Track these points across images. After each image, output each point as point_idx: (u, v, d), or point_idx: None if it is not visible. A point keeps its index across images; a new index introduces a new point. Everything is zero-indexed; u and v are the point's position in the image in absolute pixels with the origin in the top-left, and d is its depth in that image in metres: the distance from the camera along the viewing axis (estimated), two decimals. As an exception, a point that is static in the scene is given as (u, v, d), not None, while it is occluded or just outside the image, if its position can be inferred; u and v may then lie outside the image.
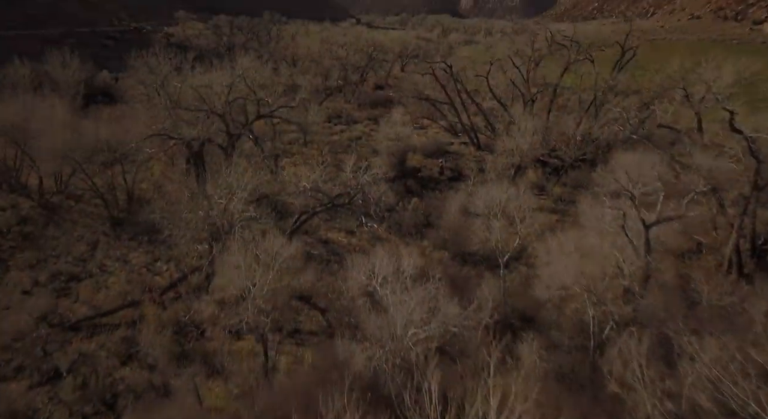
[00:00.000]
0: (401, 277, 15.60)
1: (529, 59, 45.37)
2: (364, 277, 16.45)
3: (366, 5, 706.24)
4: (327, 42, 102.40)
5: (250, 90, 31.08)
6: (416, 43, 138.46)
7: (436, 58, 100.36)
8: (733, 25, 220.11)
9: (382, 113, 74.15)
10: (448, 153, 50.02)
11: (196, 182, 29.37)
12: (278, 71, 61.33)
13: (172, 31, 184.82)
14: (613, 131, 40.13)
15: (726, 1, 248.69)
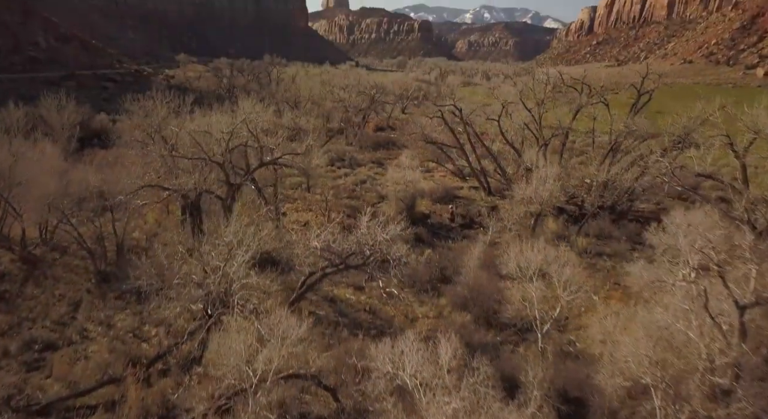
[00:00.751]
0: (438, 371, 12.72)
1: (541, 102, 43.84)
2: (390, 366, 13.54)
3: (363, 49, 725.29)
4: (328, 84, 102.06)
5: (253, 136, 28.93)
6: (416, 85, 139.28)
7: (438, 100, 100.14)
8: (726, 70, 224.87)
9: (385, 156, 72.76)
10: (457, 198, 47.75)
11: (192, 234, 26.68)
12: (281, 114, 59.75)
13: (173, 74, 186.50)
14: (632, 178, 37.91)
15: (717, 46, 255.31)
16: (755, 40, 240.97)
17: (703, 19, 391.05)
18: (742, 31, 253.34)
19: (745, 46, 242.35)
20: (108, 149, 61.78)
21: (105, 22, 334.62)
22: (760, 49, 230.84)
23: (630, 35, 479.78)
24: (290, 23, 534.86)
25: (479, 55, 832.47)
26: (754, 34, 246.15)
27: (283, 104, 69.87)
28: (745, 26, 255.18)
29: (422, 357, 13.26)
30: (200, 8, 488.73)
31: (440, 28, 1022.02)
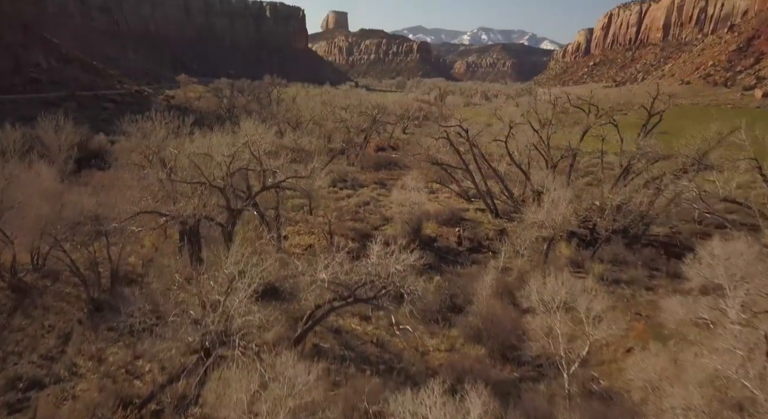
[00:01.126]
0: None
1: (549, 123, 42.92)
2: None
3: (363, 69, 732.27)
4: (329, 104, 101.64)
5: (255, 159, 27.74)
6: (417, 105, 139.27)
7: (440, 121, 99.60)
8: (725, 91, 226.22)
9: (387, 176, 71.73)
10: (464, 220, 46.48)
11: (190, 262, 25.25)
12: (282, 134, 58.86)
13: (173, 94, 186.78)
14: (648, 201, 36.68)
15: (714, 68, 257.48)
16: (752, 62, 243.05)
17: (698, 42, 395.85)
18: (739, 53, 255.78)
19: (742, 67, 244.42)
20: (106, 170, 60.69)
21: (106, 44, 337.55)
22: (757, 70, 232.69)
23: (626, 57, 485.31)
24: (290, 44, 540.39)
25: (477, 75, 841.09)
26: (750, 55, 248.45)
27: (285, 124, 69.02)
28: (741, 48, 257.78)
29: (449, 414, 11.75)
30: (201, 30, 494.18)
31: (438, 49, 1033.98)
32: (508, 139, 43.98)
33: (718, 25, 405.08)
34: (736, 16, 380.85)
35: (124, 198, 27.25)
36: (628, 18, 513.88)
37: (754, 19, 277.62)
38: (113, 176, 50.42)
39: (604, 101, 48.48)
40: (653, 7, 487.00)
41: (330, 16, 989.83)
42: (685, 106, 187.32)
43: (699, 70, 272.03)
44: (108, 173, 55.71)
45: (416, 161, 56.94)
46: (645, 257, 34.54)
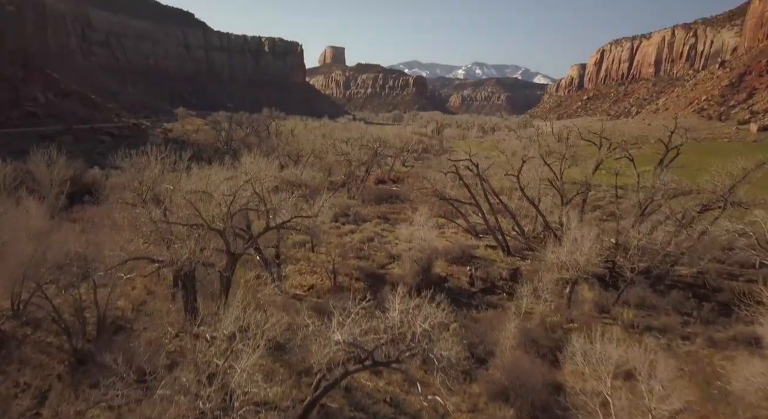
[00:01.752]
0: None
1: (563, 157, 41.32)
2: None
3: (360, 103, 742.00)
4: (330, 137, 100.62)
5: (259, 197, 25.66)
6: (416, 138, 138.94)
7: (440, 154, 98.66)
8: (719, 125, 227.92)
9: (390, 210, 69.75)
10: (474, 258, 44.17)
11: (184, 310, 22.78)
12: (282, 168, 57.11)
13: (171, 127, 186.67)
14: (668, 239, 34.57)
15: (707, 102, 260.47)
16: (745, 97, 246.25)
17: (689, 77, 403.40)
18: (731, 88, 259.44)
19: (735, 102, 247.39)
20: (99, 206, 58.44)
21: (106, 78, 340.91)
22: (750, 105, 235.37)
23: (619, 91, 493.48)
24: (288, 78, 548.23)
25: (472, 109, 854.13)
26: (743, 91, 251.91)
27: (285, 158, 67.50)
28: (733, 84, 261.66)
29: None
30: (200, 64, 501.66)
31: (434, 83, 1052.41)
32: (520, 174, 42.25)
33: (708, 61, 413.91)
34: (726, 53, 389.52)
35: (113, 240, 24.94)
36: (620, 54, 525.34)
37: (745, 55, 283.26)
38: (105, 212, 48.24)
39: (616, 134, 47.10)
40: (644, 43, 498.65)
41: (327, 51, 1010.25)
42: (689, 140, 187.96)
43: (693, 104, 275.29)
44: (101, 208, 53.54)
45: (422, 195, 55.05)
46: (673, 300, 32.21)
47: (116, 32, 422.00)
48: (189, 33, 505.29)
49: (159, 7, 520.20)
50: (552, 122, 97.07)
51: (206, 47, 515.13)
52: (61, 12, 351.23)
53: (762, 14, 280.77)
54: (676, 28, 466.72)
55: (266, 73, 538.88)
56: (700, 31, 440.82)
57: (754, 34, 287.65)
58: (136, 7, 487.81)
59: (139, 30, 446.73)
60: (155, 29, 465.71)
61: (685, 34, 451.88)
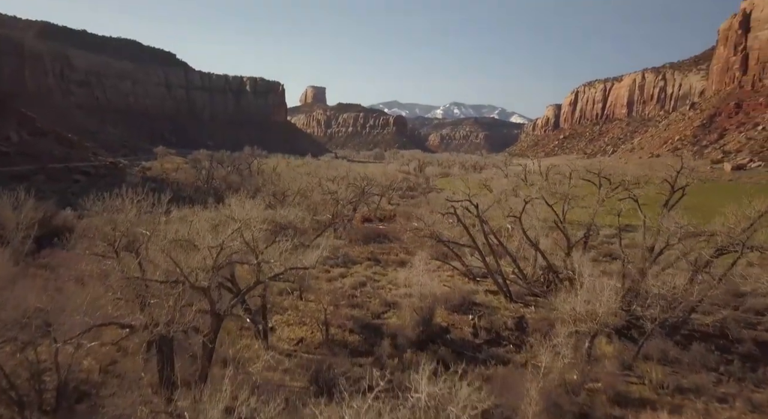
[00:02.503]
0: None
1: (565, 199, 39.59)
2: None
3: (341, 141, 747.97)
4: (315, 175, 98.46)
5: (250, 248, 22.78)
6: (402, 176, 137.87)
7: (426, 192, 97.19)
8: (693, 164, 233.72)
9: (379, 250, 66.94)
10: (475, 305, 41.40)
11: (160, 383, 19.42)
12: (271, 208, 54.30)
13: (150, 166, 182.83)
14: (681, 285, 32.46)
15: (681, 142, 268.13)
16: (716, 137, 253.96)
17: (661, 118, 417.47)
18: (703, 129, 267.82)
19: (707, 142, 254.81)
20: (70, 250, 54.47)
21: (85, 117, 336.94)
22: (722, 145, 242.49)
23: (594, 131, 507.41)
24: (270, 117, 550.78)
25: (451, 147, 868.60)
26: (714, 131, 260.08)
27: (270, 197, 64.78)
28: (704, 124, 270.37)
29: None
30: (181, 104, 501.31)
31: (413, 122, 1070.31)
32: (521, 215, 40.28)
33: (677, 103, 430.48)
34: (694, 95, 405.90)
35: (80, 296, 21.64)
36: (594, 95, 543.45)
37: (714, 98, 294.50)
38: (75, 257, 44.45)
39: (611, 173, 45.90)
40: (616, 85, 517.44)
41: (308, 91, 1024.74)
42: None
43: (667, 144, 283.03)
44: (71, 253, 49.66)
45: (415, 236, 52.61)
46: (697, 354, 29.78)
47: (96, 72, 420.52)
48: (170, 73, 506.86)
49: (141, 48, 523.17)
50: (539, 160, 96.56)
51: (187, 87, 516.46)
52: (40, 52, 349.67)
53: (727, 60, 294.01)
54: (645, 72, 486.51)
55: (247, 112, 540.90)
56: (669, 74, 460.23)
57: (721, 78, 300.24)
58: (117, 47, 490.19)
59: (119, 70, 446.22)
60: (136, 69, 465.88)
61: (655, 78, 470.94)
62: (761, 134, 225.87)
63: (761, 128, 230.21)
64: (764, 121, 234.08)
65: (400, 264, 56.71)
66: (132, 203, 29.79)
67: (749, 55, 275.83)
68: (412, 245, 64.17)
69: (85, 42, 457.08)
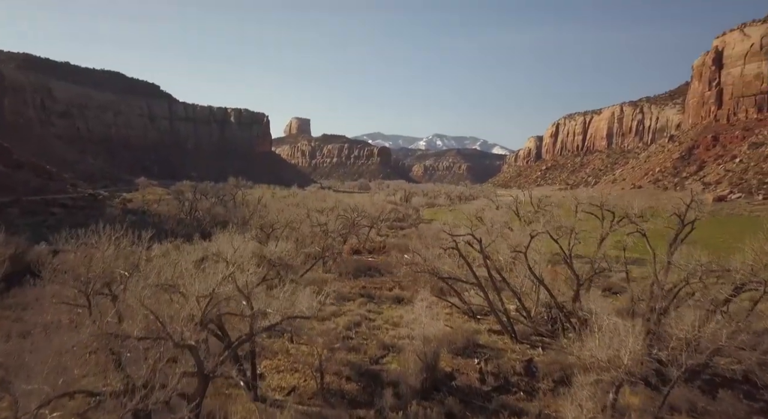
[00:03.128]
0: None
1: (572, 233, 37.86)
2: None
3: (326, 171, 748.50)
4: (302, 206, 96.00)
5: (243, 296, 20.18)
6: (390, 207, 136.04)
7: (416, 223, 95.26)
8: (675, 195, 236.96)
9: (371, 285, 64.10)
10: (479, 347, 38.81)
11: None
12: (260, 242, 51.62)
13: (131, 197, 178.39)
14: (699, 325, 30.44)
15: (662, 173, 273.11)
16: (695, 169, 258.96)
17: (640, 150, 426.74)
18: (682, 161, 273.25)
19: (687, 174, 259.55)
20: (43, 288, 50.73)
21: (65, 148, 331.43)
22: (702, 177, 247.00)
23: (576, 162, 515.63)
24: (254, 148, 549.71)
25: (435, 178, 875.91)
26: (693, 163, 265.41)
27: (258, 230, 62.05)
28: (683, 156, 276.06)
29: None
30: (164, 134, 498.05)
31: (397, 153, 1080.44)
32: (527, 250, 38.29)
33: (655, 135, 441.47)
34: (671, 128, 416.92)
35: (45, 350, 18.69)
36: (574, 127, 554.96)
37: (691, 130, 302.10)
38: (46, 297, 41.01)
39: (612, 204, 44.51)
40: (595, 118, 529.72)
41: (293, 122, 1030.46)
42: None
43: (648, 175, 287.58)
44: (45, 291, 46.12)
45: (411, 271, 50.22)
46: (726, 403, 27.55)
47: (78, 103, 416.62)
48: (154, 104, 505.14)
49: (124, 79, 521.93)
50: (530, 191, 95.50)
51: (171, 118, 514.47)
52: (22, 84, 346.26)
53: (702, 94, 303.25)
54: (623, 105, 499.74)
55: (232, 142, 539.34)
56: (646, 108, 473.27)
57: (697, 111, 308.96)
58: (101, 79, 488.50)
59: (102, 101, 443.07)
60: (119, 100, 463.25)
61: (633, 111, 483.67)
62: (739, 166, 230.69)
63: (739, 160, 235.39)
64: (741, 153, 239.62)
65: (396, 301, 54.12)
66: (109, 240, 27.05)
67: (723, 91, 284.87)
68: (406, 280, 61.75)
69: (68, 73, 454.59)
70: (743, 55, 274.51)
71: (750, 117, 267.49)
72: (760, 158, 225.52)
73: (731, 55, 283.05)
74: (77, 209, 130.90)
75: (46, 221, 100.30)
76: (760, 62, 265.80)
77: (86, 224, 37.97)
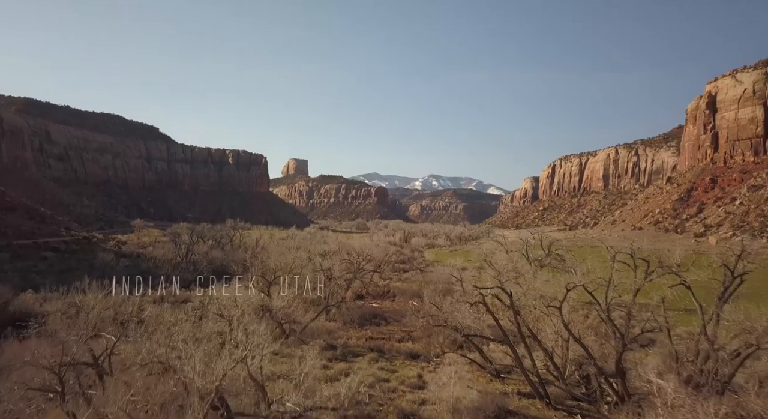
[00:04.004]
0: None
1: (609, 282, 34.58)
2: None
3: (323, 211, 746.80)
4: (303, 249, 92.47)
5: (257, 385, 16.75)
6: (393, 249, 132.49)
7: (422, 267, 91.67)
8: (677, 237, 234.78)
9: (378, 335, 59.89)
10: (510, 415, 34.75)
11: None
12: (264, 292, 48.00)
13: (126, 239, 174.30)
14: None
15: (662, 215, 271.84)
16: (695, 211, 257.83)
17: (636, 191, 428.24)
18: (681, 203, 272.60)
19: (688, 215, 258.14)
20: (26, 340, 46.66)
21: (60, 191, 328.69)
22: (703, 219, 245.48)
23: (573, 203, 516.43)
24: (252, 189, 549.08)
25: (431, 217, 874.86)
26: (692, 205, 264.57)
27: (260, 278, 58.44)
28: (682, 198, 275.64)
29: None
30: (161, 175, 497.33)
31: (393, 193, 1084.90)
32: (562, 306, 34.89)
33: (651, 177, 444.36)
34: (667, 170, 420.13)
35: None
36: (570, 169, 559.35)
37: (689, 172, 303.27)
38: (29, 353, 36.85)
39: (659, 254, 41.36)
40: (591, 160, 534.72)
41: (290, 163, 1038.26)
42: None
43: (648, 217, 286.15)
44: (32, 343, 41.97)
45: (427, 325, 46.50)
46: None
47: (76, 146, 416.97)
48: (152, 146, 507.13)
49: (123, 122, 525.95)
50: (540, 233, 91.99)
51: (169, 159, 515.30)
52: (20, 127, 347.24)
53: (697, 137, 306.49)
54: (618, 148, 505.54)
55: (229, 183, 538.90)
56: (641, 150, 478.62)
57: (693, 154, 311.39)
58: (99, 121, 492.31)
59: (100, 143, 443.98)
60: (117, 143, 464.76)
61: (628, 153, 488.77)
62: (739, 209, 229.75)
63: (739, 202, 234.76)
64: (741, 196, 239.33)
65: (409, 357, 50.02)
66: (96, 298, 23.59)
67: (719, 134, 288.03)
68: (417, 331, 57.86)
69: (67, 116, 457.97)
70: (737, 100, 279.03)
71: (746, 160, 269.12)
72: (760, 201, 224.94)
73: (725, 100, 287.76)
74: (69, 253, 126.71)
75: (36, 267, 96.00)
76: (754, 107, 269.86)
77: (78, 268, 34.84)
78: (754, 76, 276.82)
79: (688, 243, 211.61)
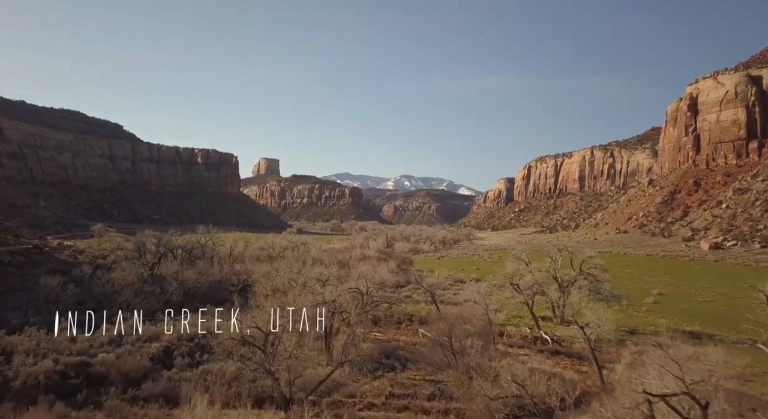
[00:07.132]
0: None
1: None
2: None
3: (296, 212, 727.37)
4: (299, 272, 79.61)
5: None
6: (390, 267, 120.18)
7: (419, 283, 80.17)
8: (666, 241, 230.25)
9: (401, 391, 48.00)
10: None
11: None
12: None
13: (83, 247, 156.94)
14: None
15: (646, 218, 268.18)
16: (681, 214, 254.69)
17: (612, 193, 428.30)
18: (665, 206, 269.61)
19: (673, 219, 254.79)
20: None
21: (14, 191, 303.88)
22: (689, 222, 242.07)
23: (549, 204, 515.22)
24: (222, 189, 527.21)
25: (405, 218, 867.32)
26: (677, 208, 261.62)
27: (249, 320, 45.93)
28: (666, 201, 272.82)
29: None
30: (125, 175, 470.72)
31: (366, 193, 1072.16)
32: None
33: (627, 179, 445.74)
34: (642, 172, 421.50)
35: None
36: (546, 170, 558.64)
37: (671, 175, 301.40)
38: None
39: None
40: (567, 161, 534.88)
41: (261, 162, 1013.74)
42: (650, 259, 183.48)
43: (632, 220, 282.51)
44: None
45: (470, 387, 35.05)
46: None
47: (32, 144, 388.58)
48: (116, 144, 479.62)
49: (84, 119, 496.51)
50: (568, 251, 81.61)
51: (134, 158, 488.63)
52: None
53: (678, 139, 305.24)
54: (594, 149, 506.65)
55: (198, 183, 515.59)
56: (616, 152, 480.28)
57: (674, 156, 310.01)
58: (58, 118, 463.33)
59: (58, 141, 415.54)
60: (78, 140, 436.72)
61: (603, 154, 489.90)
62: (726, 212, 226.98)
63: (725, 206, 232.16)
64: (726, 199, 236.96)
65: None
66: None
67: (701, 136, 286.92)
68: (450, 382, 46.60)
69: (23, 113, 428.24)
70: (719, 102, 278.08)
71: (729, 163, 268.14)
72: (747, 204, 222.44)
73: (706, 102, 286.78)
74: (15, 266, 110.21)
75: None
76: (736, 109, 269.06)
77: (21, 288, 22.96)
78: (735, 79, 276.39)
79: (679, 248, 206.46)
